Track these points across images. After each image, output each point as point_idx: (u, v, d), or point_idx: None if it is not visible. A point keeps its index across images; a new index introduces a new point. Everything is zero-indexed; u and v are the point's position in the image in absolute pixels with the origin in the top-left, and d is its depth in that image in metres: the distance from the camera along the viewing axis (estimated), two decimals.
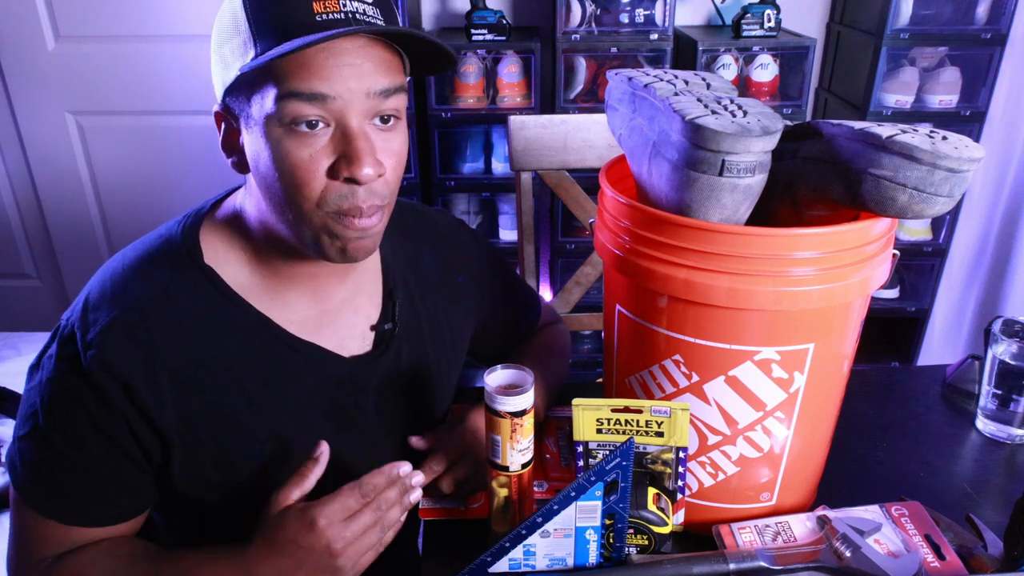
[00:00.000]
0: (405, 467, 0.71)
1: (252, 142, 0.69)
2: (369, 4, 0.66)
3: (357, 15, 0.65)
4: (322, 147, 0.66)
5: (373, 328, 0.83)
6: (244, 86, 0.67)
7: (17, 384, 1.53)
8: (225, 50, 0.68)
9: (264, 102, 0.65)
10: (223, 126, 0.72)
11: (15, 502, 0.75)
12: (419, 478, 0.72)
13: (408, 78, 0.73)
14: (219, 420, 0.74)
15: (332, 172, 0.67)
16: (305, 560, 0.66)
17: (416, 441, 0.85)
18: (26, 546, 0.75)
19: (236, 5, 0.66)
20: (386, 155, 0.69)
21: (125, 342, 0.69)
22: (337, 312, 0.80)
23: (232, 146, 0.72)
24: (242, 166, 0.72)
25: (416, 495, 0.72)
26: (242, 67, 0.65)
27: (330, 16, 0.64)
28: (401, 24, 0.71)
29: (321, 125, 0.66)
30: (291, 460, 0.78)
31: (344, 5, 0.65)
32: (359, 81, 0.65)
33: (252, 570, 0.68)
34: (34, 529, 0.74)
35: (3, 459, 1.36)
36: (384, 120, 0.69)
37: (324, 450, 0.72)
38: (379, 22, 0.67)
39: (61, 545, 0.74)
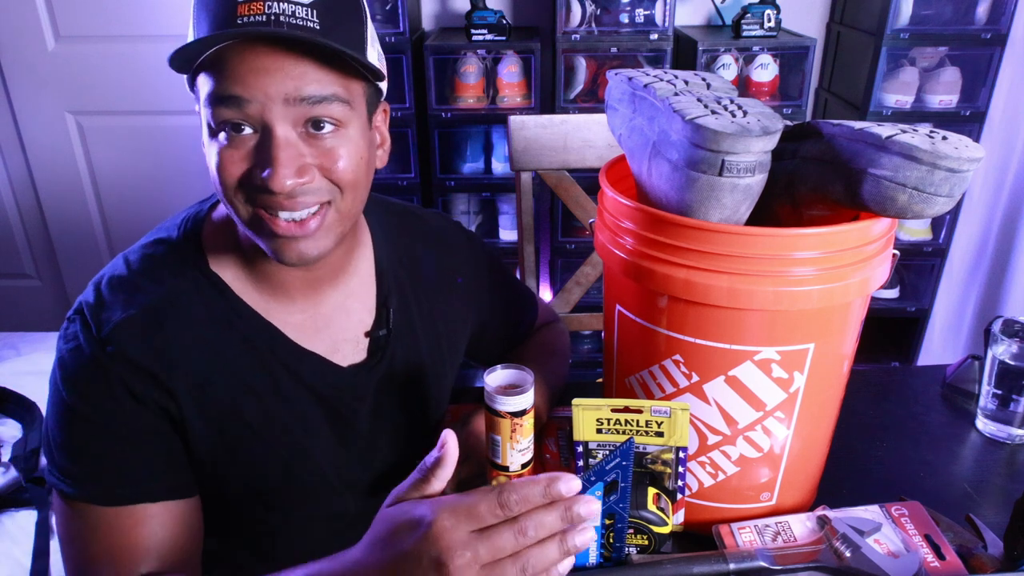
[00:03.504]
0: (573, 482, 0.54)
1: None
2: (304, 5, 0.63)
3: (282, 17, 0.62)
4: (247, 150, 0.65)
5: (367, 334, 0.83)
6: (191, 87, 0.68)
7: (17, 384, 1.53)
8: None
9: (201, 104, 0.66)
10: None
11: (68, 519, 0.71)
12: (594, 506, 0.54)
13: (369, 84, 0.71)
14: (231, 421, 0.74)
15: (249, 177, 0.66)
16: (402, 572, 0.52)
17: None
18: (91, 556, 0.70)
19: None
20: (324, 160, 0.67)
21: (141, 340, 0.69)
22: (331, 316, 0.80)
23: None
24: None
25: (585, 538, 0.54)
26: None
27: (252, 18, 0.61)
28: (370, 27, 0.69)
29: (247, 130, 0.65)
30: (300, 463, 0.79)
31: (269, 7, 0.62)
32: (277, 86, 0.63)
33: None
34: (99, 529, 0.70)
35: (2, 459, 1.36)
36: (316, 126, 0.66)
37: (451, 443, 0.57)
38: (311, 24, 0.63)
39: (127, 538, 0.69)
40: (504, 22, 1.97)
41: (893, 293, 2.23)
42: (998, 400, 0.94)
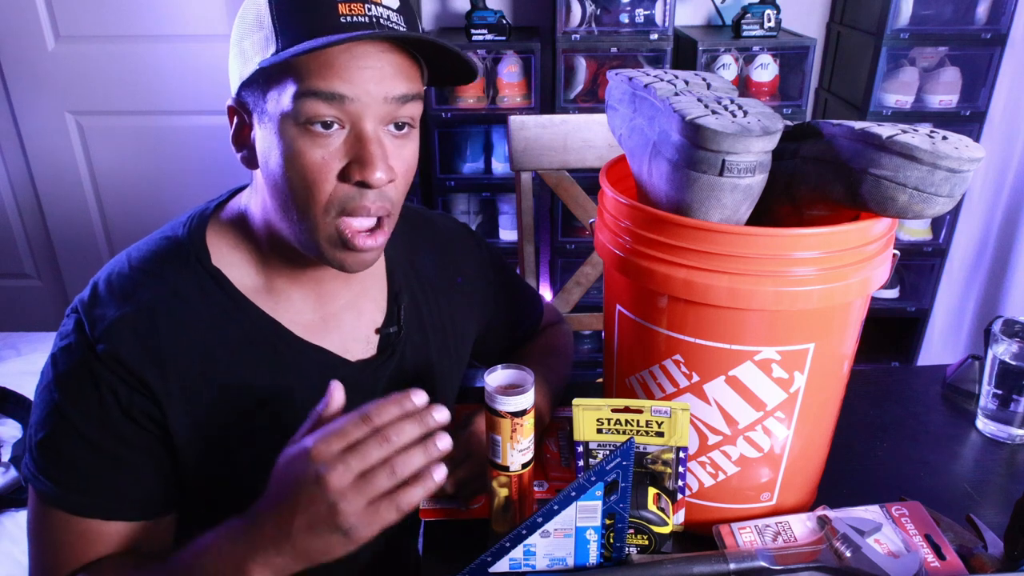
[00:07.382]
0: (420, 396, 0.60)
1: (264, 138, 0.69)
2: (393, 10, 0.67)
3: (381, 20, 0.66)
4: (335, 149, 0.67)
5: (377, 331, 0.83)
6: (262, 81, 0.67)
7: (17, 384, 1.53)
8: (246, 44, 0.68)
9: (281, 99, 0.65)
10: (235, 120, 0.72)
11: (37, 515, 0.72)
12: (443, 415, 0.60)
13: (425, 87, 0.73)
14: (228, 422, 0.74)
15: (344, 175, 0.67)
16: (298, 499, 0.58)
17: None
18: (54, 561, 0.71)
19: (261, 1, 0.67)
20: (398, 162, 0.70)
21: (134, 340, 0.69)
22: (341, 315, 0.80)
23: (243, 141, 0.72)
24: (251, 162, 0.72)
25: (445, 442, 0.59)
26: (262, 61, 0.65)
27: (355, 19, 0.64)
28: (421, 32, 0.71)
29: (336, 127, 0.66)
30: None
31: (369, 9, 0.65)
32: (378, 85, 0.65)
33: (255, 523, 0.61)
34: (64, 535, 0.71)
35: (2, 459, 1.36)
36: (399, 127, 0.69)
37: (337, 393, 0.62)
38: (401, 28, 0.67)
39: (87, 551, 0.71)
40: (504, 22, 1.97)
41: (893, 293, 2.23)
42: (998, 400, 0.94)
